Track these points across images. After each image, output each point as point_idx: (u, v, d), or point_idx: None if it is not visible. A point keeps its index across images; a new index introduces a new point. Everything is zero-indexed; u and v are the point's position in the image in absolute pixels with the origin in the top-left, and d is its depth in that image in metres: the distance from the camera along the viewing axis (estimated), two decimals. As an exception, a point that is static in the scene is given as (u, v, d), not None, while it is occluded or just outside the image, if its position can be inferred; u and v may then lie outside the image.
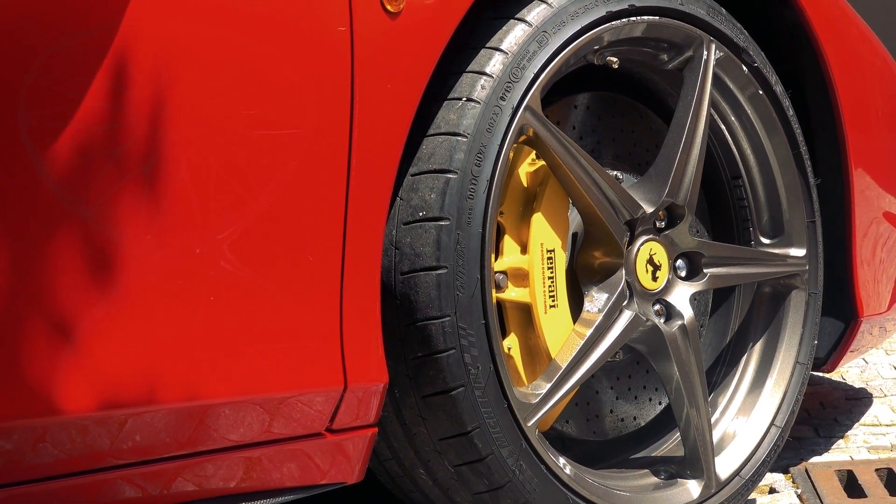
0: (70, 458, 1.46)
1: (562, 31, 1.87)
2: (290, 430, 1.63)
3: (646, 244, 2.03)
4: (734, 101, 2.20)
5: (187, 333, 1.50)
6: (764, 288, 2.29)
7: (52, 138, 1.41)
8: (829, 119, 2.35)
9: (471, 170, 1.75)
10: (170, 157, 1.48)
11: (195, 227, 1.50)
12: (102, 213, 1.44)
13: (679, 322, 2.05)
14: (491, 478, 1.80)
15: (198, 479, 1.58)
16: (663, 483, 2.08)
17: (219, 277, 1.52)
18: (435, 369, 1.74)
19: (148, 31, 1.47)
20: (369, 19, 1.64)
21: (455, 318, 1.73)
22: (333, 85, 1.61)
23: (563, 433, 2.12)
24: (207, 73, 1.51)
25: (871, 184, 2.42)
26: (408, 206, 1.75)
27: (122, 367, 1.46)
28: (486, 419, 1.77)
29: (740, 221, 2.29)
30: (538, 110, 1.84)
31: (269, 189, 1.56)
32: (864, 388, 3.10)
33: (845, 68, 2.34)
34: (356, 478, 1.73)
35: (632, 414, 2.23)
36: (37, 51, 1.40)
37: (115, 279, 1.45)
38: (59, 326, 1.42)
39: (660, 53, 2.10)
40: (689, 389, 2.05)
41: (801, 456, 2.53)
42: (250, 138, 1.54)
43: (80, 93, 1.42)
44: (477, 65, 1.80)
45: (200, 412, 1.53)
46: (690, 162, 2.05)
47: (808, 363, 2.27)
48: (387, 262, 1.75)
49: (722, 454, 2.16)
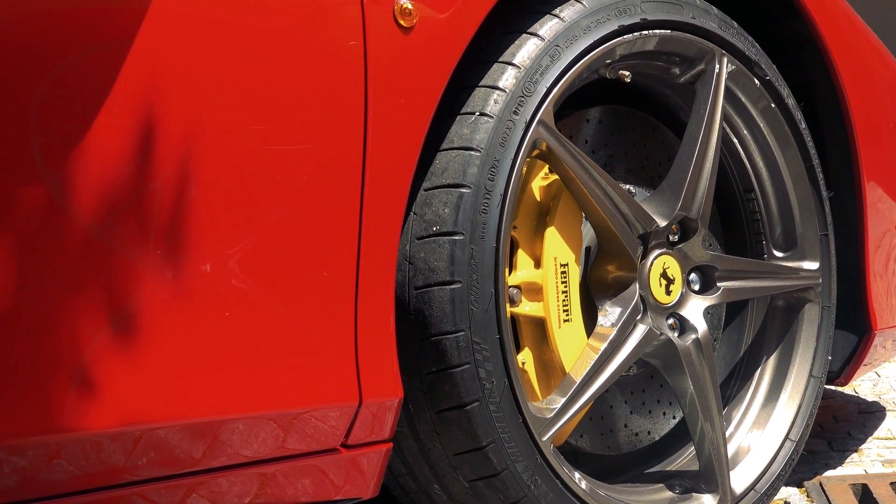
0: (84, 475, 1.46)
1: (574, 45, 1.87)
2: (305, 445, 1.62)
3: (659, 258, 2.03)
4: (746, 115, 2.20)
5: (202, 349, 1.50)
6: (777, 301, 2.29)
7: (66, 152, 1.41)
8: (840, 132, 2.34)
9: (484, 184, 1.75)
10: (183, 173, 1.48)
11: (209, 243, 1.50)
12: (117, 230, 1.44)
13: (693, 336, 2.05)
14: (506, 493, 1.79)
15: (212, 495, 1.58)
16: (678, 497, 2.07)
17: (233, 293, 1.52)
18: (449, 384, 1.74)
19: (163, 48, 1.47)
20: (382, 34, 1.64)
21: (469, 332, 1.73)
22: (347, 100, 1.61)
23: (578, 448, 2.12)
24: (222, 89, 1.51)
25: (884, 196, 2.42)
26: (421, 221, 1.75)
27: (136, 383, 1.46)
28: (501, 434, 1.76)
29: (753, 235, 2.29)
30: (551, 124, 1.83)
31: (284, 204, 1.56)
32: (877, 402, 3.09)
33: (857, 81, 2.34)
34: (371, 493, 1.72)
35: (646, 428, 2.22)
36: (50, 62, 1.40)
37: (129, 295, 1.45)
38: (74, 342, 1.41)
39: (672, 67, 2.10)
40: (703, 403, 2.04)
41: (816, 470, 2.52)
42: (265, 154, 1.54)
43: (96, 109, 1.42)
44: (490, 79, 1.80)
45: (215, 428, 1.53)
46: (703, 175, 2.05)
47: (822, 376, 2.26)
48: (401, 277, 1.75)
49: (737, 468, 2.15)
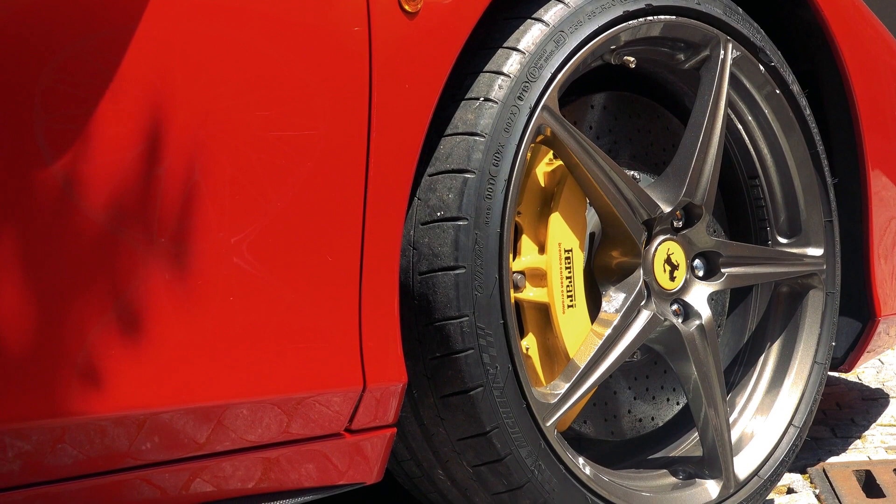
0: (88, 459, 1.46)
1: (579, 30, 1.87)
2: (309, 430, 1.63)
3: (663, 244, 2.03)
4: (751, 101, 2.19)
5: (207, 334, 1.50)
6: (781, 287, 2.29)
7: (71, 139, 1.41)
8: (845, 119, 2.34)
9: (489, 170, 1.75)
10: (188, 159, 1.48)
11: (214, 228, 1.50)
12: (123, 215, 1.44)
13: (697, 322, 2.05)
14: (510, 478, 1.79)
15: (216, 479, 1.58)
16: (682, 483, 2.07)
17: (237, 278, 1.52)
18: (453, 369, 1.74)
19: (168, 33, 1.47)
20: (387, 20, 1.64)
21: (473, 318, 1.73)
22: (351, 85, 1.61)
23: (582, 433, 2.12)
24: (227, 75, 1.51)
25: (888, 183, 2.42)
26: (426, 207, 1.75)
27: (140, 367, 1.46)
28: (505, 419, 1.76)
29: (757, 221, 2.29)
30: (555, 110, 1.83)
31: (288, 190, 1.56)
32: (881, 389, 3.09)
33: (862, 68, 2.33)
34: (375, 478, 1.72)
35: (650, 414, 2.22)
36: (53, 52, 1.40)
37: (134, 280, 1.45)
38: (78, 326, 1.42)
39: (677, 53, 2.10)
40: (707, 389, 2.04)
41: (819, 456, 2.52)
42: (269, 140, 1.54)
43: (100, 95, 1.42)
44: (494, 64, 1.80)
45: (219, 412, 1.53)
46: (708, 161, 2.05)
47: (825, 363, 2.26)
48: (405, 262, 1.75)
49: (740, 454, 2.16)
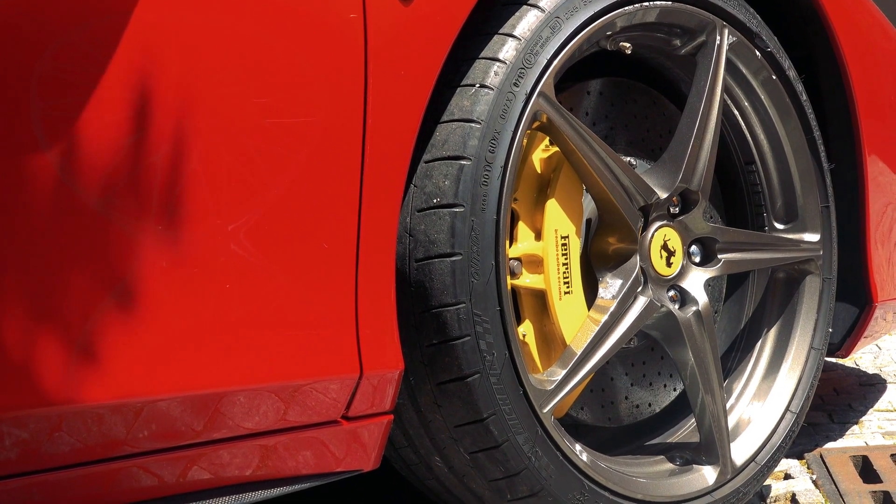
0: (86, 447, 1.46)
1: (575, 16, 1.87)
2: (306, 417, 1.63)
3: (660, 230, 2.03)
4: (747, 87, 2.19)
5: (203, 321, 1.50)
6: (778, 273, 2.29)
7: (66, 133, 1.40)
8: (842, 104, 2.34)
9: (485, 156, 1.75)
10: (185, 146, 1.48)
11: (210, 215, 1.50)
12: (119, 201, 1.43)
13: (694, 308, 2.05)
14: (507, 464, 1.80)
15: (213, 467, 1.58)
16: (679, 469, 2.07)
17: (234, 265, 1.52)
18: (450, 356, 1.74)
19: (162, 20, 1.46)
20: (382, 6, 1.64)
21: (470, 304, 1.73)
22: (347, 72, 1.60)
23: (579, 420, 2.12)
24: (222, 62, 1.50)
25: (885, 169, 2.42)
26: (422, 193, 1.75)
27: (137, 355, 1.46)
28: (502, 406, 1.76)
29: (754, 207, 2.29)
30: (551, 96, 1.83)
31: (284, 177, 1.55)
32: (878, 374, 3.10)
33: (859, 54, 2.33)
34: (372, 465, 1.73)
35: (647, 400, 2.23)
36: (46, 41, 1.40)
37: (131, 267, 1.45)
38: (75, 314, 1.42)
39: (673, 39, 2.10)
40: (704, 375, 2.05)
41: (816, 442, 2.52)
42: (265, 128, 1.54)
43: (94, 82, 1.42)
44: (490, 51, 1.80)
45: (215, 400, 1.53)
46: (704, 147, 2.05)
47: (822, 349, 2.26)
48: (401, 249, 1.75)
49: (737, 440, 2.16)
